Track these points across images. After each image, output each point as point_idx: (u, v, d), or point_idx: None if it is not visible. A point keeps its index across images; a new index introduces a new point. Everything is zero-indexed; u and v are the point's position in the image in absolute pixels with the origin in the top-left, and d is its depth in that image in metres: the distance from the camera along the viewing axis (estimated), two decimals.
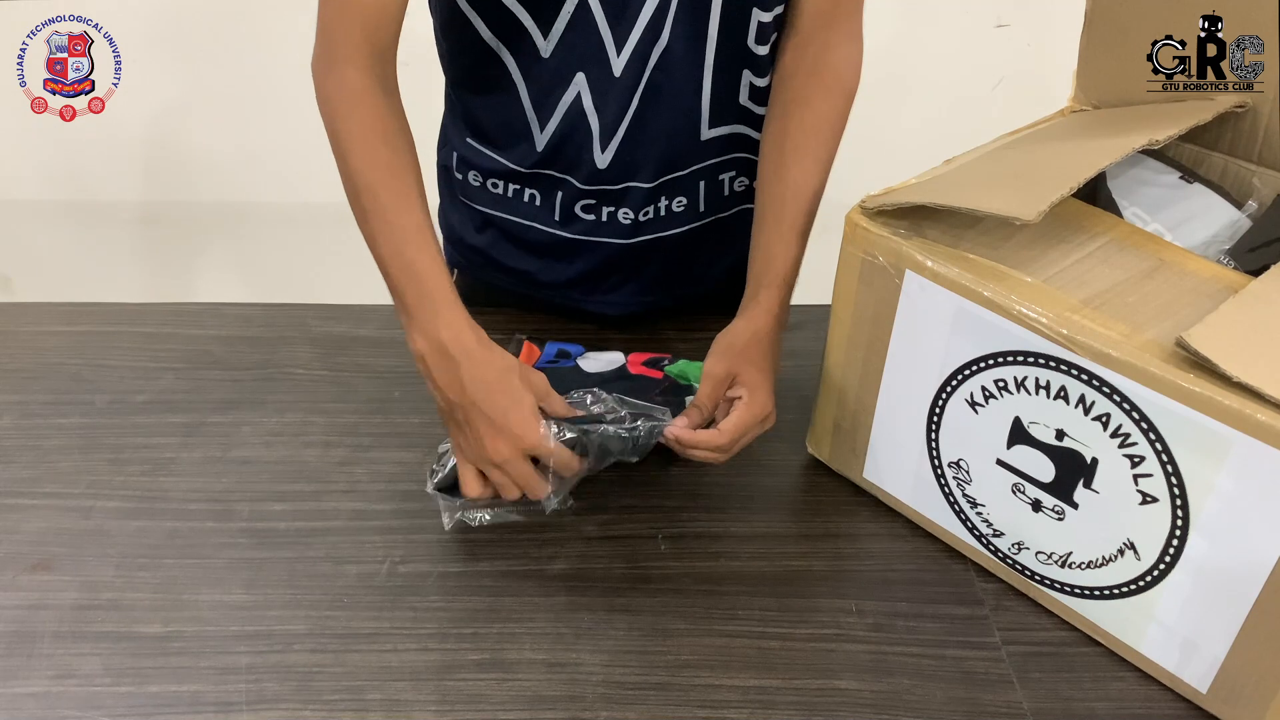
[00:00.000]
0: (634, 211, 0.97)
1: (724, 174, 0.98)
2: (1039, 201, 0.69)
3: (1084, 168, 0.74)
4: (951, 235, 0.76)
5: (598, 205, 0.97)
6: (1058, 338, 0.69)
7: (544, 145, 0.93)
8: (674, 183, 0.96)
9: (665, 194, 0.97)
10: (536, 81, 0.90)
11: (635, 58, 0.87)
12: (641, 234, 0.98)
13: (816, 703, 0.73)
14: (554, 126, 0.92)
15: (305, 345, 1.04)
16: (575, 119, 0.91)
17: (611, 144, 0.92)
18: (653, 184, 0.95)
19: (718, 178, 0.98)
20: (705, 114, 0.93)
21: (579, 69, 0.88)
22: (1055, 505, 0.75)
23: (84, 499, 0.88)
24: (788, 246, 0.87)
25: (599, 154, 0.92)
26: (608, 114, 0.90)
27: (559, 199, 0.97)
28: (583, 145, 0.92)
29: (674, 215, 0.98)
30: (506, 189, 0.99)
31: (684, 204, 0.98)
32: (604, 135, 0.91)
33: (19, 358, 1.02)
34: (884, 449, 0.85)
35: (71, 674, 0.74)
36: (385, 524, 0.86)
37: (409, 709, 0.72)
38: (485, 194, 1.01)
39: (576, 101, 0.90)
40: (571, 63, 0.88)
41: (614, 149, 0.92)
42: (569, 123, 0.91)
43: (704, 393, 0.84)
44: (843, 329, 0.83)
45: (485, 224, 1.03)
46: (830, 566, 0.83)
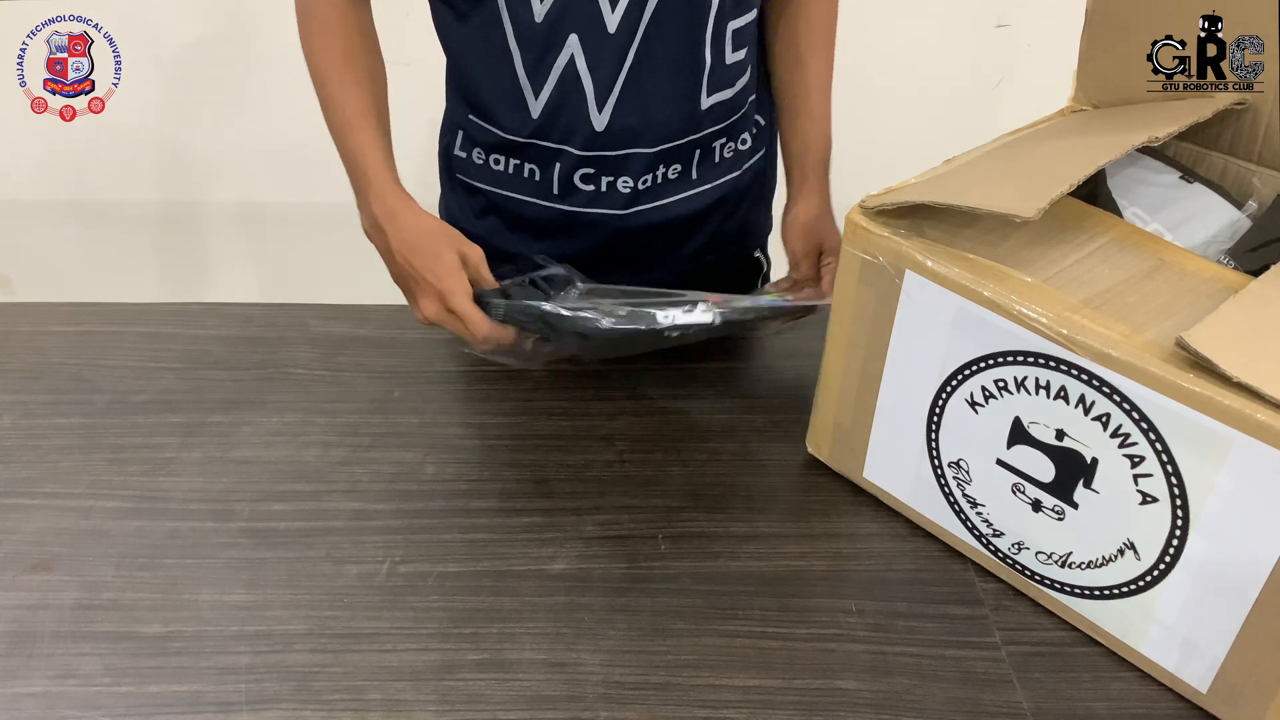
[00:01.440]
0: (634, 180, 0.98)
1: (715, 141, 1.01)
2: (1038, 198, 0.69)
3: (1083, 165, 0.74)
4: (951, 235, 0.76)
5: (597, 175, 0.98)
6: (1058, 338, 0.69)
7: (539, 112, 0.95)
8: (673, 151, 0.99)
9: (664, 162, 0.99)
10: (529, 46, 0.92)
11: (631, 9, 0.89)
12: (640, 203, 1.00)
13: (816, 703, 0.73)
14: (548, 91, 0.93)
15: (305, 345, 1.04)
16: (570, 82, 0.92)
17: (607, 105, 0.93)
18: (653, 150, 0.97)
19: (710, 145, 1.01)
20: (705, 81, 0.95)
21: (572, 30, 0.90)
22: (1055, 505, 0.75)
23: (84, 499, 0.88)
24: (821, 131, 1.02)
25: (595, 115, 0.94)
26: (602, 74, 0.92)
27: (557, 171, 0.98)
28: (578, 109, 0.93)
29: (669, 183, 1.00)
30: (507, 164, 1.00)
31: (679, 171, 1.00)
32: (599, 97, 0.93)
33: (19, 358, 1.02)
34: (884, 449, 0.85)
35: (71, 674, 0.74)
36: (385, 524, 0.86)
37: (409, 709, 0.72)
38: (487, 172, 1.02)
39: (570, 65, 0.91)
40: (564, 24, 0.90)
41: (609, 111, 0.93)
42: (563, 86, 0.93)
43: (802, 269, 0.99)
44: (843, 329, 0.83)
45: (486, 209, 1.05)
46: (830, 566, 0.83)
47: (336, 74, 0.91)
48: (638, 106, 0.94)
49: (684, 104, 0.95)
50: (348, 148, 0.90)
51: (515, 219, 1.03)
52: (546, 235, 1.03)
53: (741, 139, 1.04)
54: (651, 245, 1.04)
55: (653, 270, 1.05)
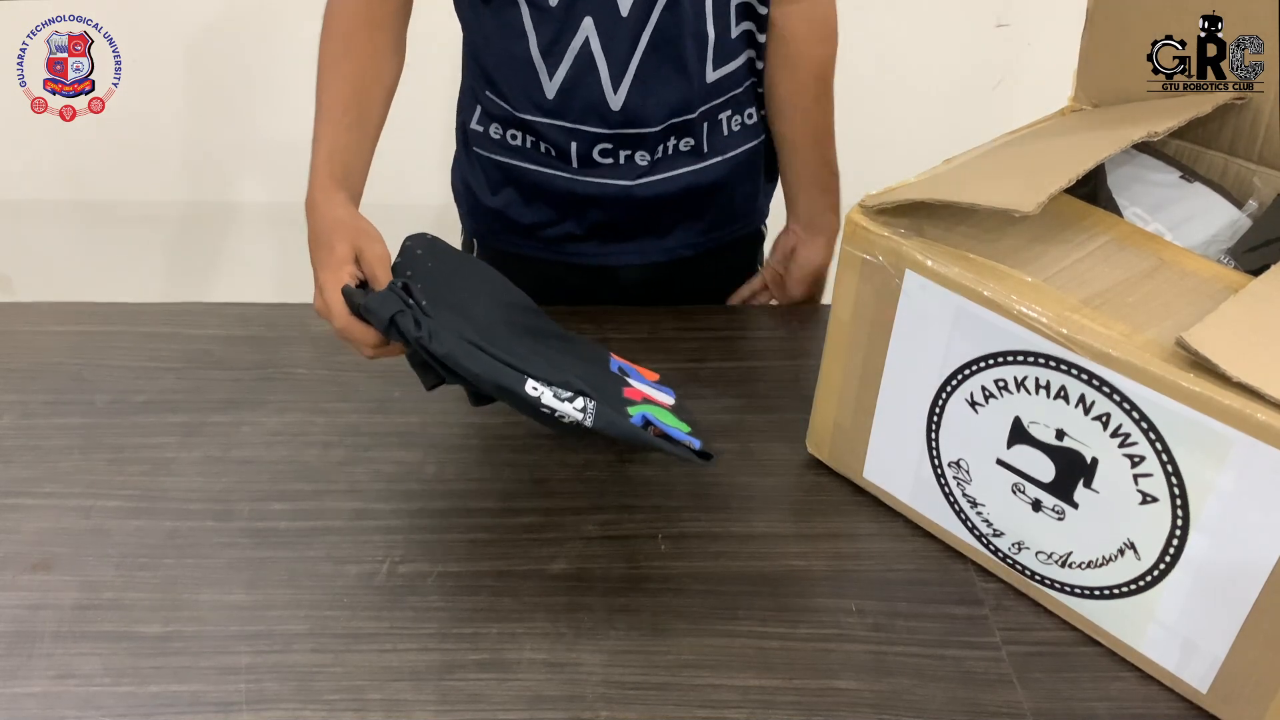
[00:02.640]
0: (650, 153, 1.01)
1: (721, 114, 1.03)
2: (1038, 193, 0.70)
3: (1083, 159, 0.74)
4: (951, 235, 0.76)
5: (614, 150, 1.00)
6: (1058, 337, 0.69)
7: (555, 92, 0.96)
8: (685, 125, 1.00)
9: (675, 135, 1.01)
10: (545, 29, 0.93)
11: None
12: (655, 173, 1.02)
13: (816, 703, 0.73)
14: (563, 73, 0.95)
15: (305, 345, 1.04)
16: (584, 63, 0.94)
17: (623, 86, 0.95)
18: (663, 126, 0.99)
19: (717, 117, 1.03)
20: (710, 56, 0.97)
21: (586, 13, 0.91)
22: (1055, 505, 0.75)
23: (84, 499, 0.88)
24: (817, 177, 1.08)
25: (610, 96, 0.95)
26: (616, 55, 0.93)
27: (574, 148, 1.00)
28: (593, 89, 0.95)
29: (680, 155, 1.02)
30: (524, 139, 1.02)
31: (691, 144, 1.02)
32: (614, 77, 0.94)
33: (19, 358, 1.02)
34: (884, 449, 0.85)
35: (71, 674, 0.74)
36: (385, 524, 0.86)
37: (409, 709, 0.72)
38: (504, 146, 1.04)
39: (585, 46, 0.93)
40: (579, 7, 0.91)
41: (625, 91, 0.95)
42: (578, 68, 0.94)
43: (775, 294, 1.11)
44: (843, 329, 0.83)
45: (502, 181, 1.06)
46: (830, 566, 0.83)
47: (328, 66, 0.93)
48: (652, 85, 0.95)
49: (694, 79, 0.97)
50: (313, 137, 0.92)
51: (532, 190, 1.04)
52: (562, 207, 1.04)
53: (748, 113, 1.05)
54: (663, 214, 1.06)
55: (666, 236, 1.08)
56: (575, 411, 0.73)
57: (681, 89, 0.98)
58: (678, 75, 0.97)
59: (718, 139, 1.05)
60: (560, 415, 0.73)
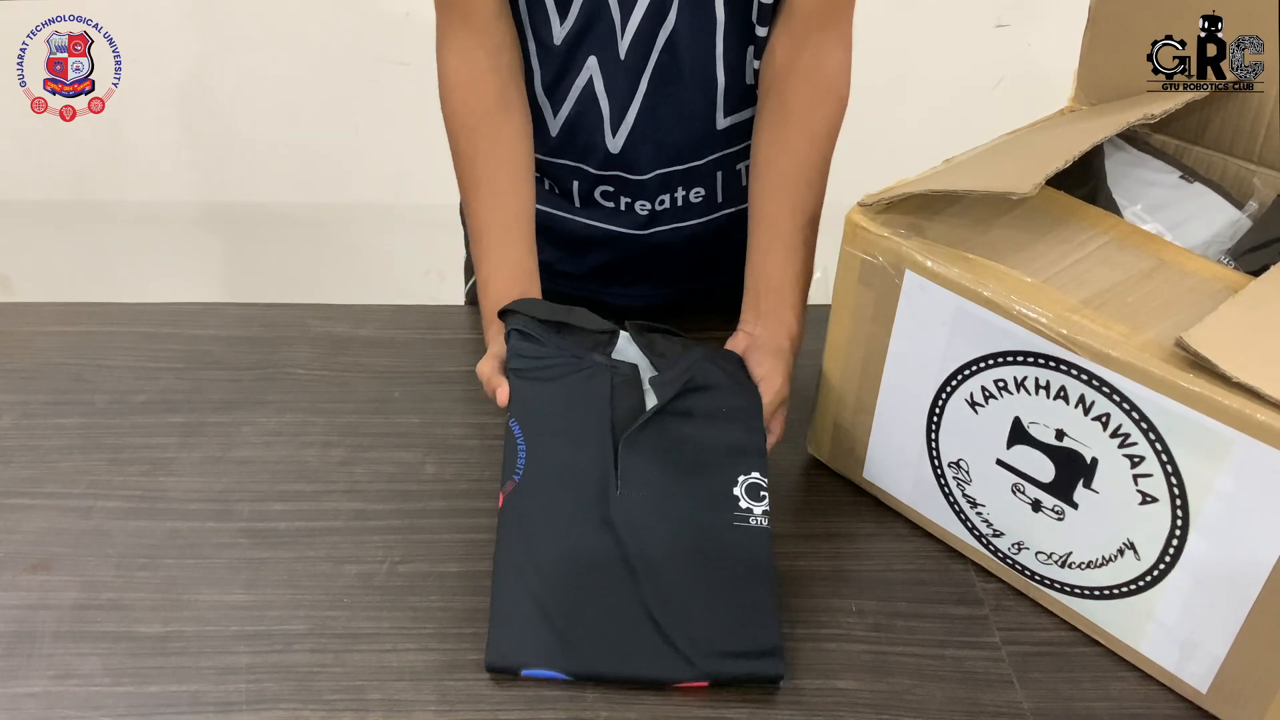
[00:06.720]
0: (650, 203, 0.98)
1: (740, 163, 0.99)
2: (1034, 175, 0.69)
3: (1079, 143, 0.74)
4: (951, 235, 0.76)
5: (615, 194, 0.98)
6: (1057, 338, 0.69)
7: (558, 130, 0.95)
8: (691, 172, 0.97)
9: (683, 184, 0.98)
10: (549, 66, 0.92)
11: (640, 39, 0.88)
12: (658, 224, 0.99)
13: (816, 703, 0.73)
14: (566, 110, 0.93)
15: (305, 345, 1.04)
16: (587, 103, 0.92)
17: (622, 129, 0.93)
18: (668, 171, 0.96)
19: (734, 167, 0.99)
20: (720, 101, 0.93)
21: (590, 53, 0.89)
22: (1055, 505, 0.75)
23: (84, 499, 0.88)
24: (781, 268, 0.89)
25: (610, 138, 0.93)
26: (617, 97, 0.91)
27: (576, 188, 0.98)
28: (594, 129, 0.93)
29: (692, 206, 0.99)
30: None
31: (701, 195, 0.99)
32: (614, 119, 0.92)
33: (19, 358, 1.02)
34: (884, 449, 0.85)
35: (71, 674, 0.74)
36: (385, 524, 0.86)
37: (409, 709, 0.72)
38: None
39: (589, 86, 0.91)
40: (583, 46, 0.89)
41: (625, 134, 0.93)
42: (581, 107, 0.93)
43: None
44: (843, 329, 0.83)
45: None
46: (830, 566, 0.83)
47: (463, 176, 0.92)
48: (651, 130, 0.93)
49: (699, 125, 0.94)
50: (478, 253, 0.92)
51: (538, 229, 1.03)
52: (568, 246, 1.03)
53: None
54: (670, 262, 1.03)
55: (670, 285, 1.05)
56: None
57: (684, 136, 0.94)
58: (680, 122, 0.93)
59: (734, 189, 1.00)
60: None
